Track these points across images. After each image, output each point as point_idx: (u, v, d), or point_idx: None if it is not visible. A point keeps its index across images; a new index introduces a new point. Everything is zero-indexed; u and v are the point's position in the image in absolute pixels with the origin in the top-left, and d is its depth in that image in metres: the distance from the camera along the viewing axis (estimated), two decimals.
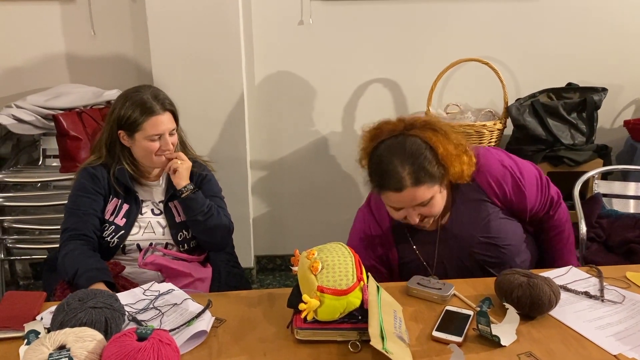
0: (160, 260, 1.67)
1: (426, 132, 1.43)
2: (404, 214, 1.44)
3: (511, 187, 1.51)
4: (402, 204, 1.42)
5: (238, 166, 2.67)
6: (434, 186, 1.40)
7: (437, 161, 1.40)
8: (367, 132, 1.53)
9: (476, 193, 1.52)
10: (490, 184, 1.51)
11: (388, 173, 1.38)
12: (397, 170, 1.37)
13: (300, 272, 1.24)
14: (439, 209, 1.45)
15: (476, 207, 1.52)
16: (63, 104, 2.46)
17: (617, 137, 2.83)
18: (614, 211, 2.23)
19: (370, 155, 1.47)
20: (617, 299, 1.34)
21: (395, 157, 1.39)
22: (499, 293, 1.30)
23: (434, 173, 1.39)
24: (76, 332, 1.04)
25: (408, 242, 1.56)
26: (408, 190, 1.37)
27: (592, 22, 2.69)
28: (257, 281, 2.93)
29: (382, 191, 1.43)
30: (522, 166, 1.55)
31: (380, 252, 1.58)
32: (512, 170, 1.52)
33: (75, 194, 1.70)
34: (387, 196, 1.42)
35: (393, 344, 1.08)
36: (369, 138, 1.50)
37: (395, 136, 1.44)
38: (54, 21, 2.63)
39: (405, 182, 1.36)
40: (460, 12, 2.65)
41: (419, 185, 1.37)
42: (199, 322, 1.20)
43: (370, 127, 1.52)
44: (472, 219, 1.51)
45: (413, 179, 1.36)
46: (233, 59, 2.51)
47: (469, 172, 1.47)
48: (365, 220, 1.60)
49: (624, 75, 2.78)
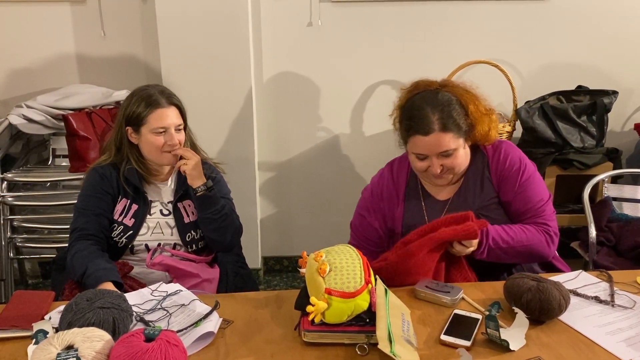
0: (168, 260, 1.67)
1: (459, 90, 1.54)
2: (427, 164, 1.50)
3: (519, 178, 1.54)
4: (427, 150, 1.48)
5: (246, 167, 2.68)
6: (459, 139, 1.48)
7: (465, 116, 1.49)
8: (404, 89, 1.61)
9: (486, 172, 1.58)
10: (501, 165, 1.56)
11: (418, 117, 1.47)
12: (427, 114, 1.46)
13: (307, 274, 1.24)
14: (461, 164, 1.52)
15: (482, 185, 1.58)
16: (73, 104, 2.48)
17: (627, 141, 2.81)
18: (624, 215, 2.21)
19: (403, 105, 1.56)
20: (628, 304, 1.32)
21: (427, 104, 1.48)
22: (508, 297, 1.29)
23: (461, 125, 1.48)
24: (84, 332, 1.04)
25: (419, 200, 1.62)
26: (435, 135, 1.45)
27: (602, 24, 2.68)
28: (264, 282, 2.93)
29: (410, 135, 1.49)
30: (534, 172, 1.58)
31: (386, 211, 1.63)
32: (527, 165, 1.56)
33: (85, 194, 1.71)
34: (414, 141, 1.49)
35: (401, 348, 1.08)
36: (406, 92, 1.59)
37: (430, 90, 1.53)
38: (65, 22, 2.65)
39: (434, 126, 1.45)
40: (470, 14, 2.64)
41: (445, 132, 1.45)
42: (206, 323, 1.20)
43: (408, 85, 1.61)
44: (477, 195, 1.57)
45: (441, 125, 1.45)
46: (242, 60, 2.52)
47: (495, 134, 1.57)
48: (383, 175, 1.67)
49: (635, 78, 2.75)
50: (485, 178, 1.57)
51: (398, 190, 1.63)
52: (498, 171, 1.56)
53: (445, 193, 1.61)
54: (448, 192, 1.61)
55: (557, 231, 1.57)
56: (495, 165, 1.57)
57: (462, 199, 1.58)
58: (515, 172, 1.55)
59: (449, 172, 1.52)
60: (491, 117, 1.55)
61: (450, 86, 1.55)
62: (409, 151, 1.55)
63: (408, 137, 1.51)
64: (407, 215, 1.62)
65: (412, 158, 1.54)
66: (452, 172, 1.52)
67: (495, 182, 1.57)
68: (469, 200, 1.57)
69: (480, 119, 1.51)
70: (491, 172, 1.57)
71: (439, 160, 1.48)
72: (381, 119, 2.79)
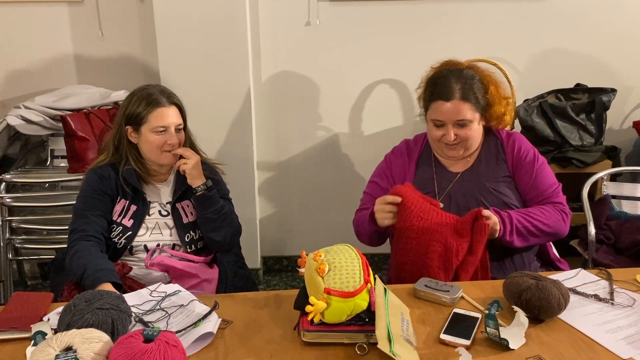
0: (167, 261, 1.67)
1: (483, 72, 1.69)
2: (443, 133, 1.62)
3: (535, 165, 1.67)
4: (445, 116, 1.60)
5: (245, 167, 2.67)
6: (476, 113, 1.61)
7: (485, 93, 1.64)
8: (433, 67, 1.73)
9: (500, 153, 1.70)
10: (517, 152, 1.68)
11: (442, 84, 1.62)
12: (450, 83, 1.61)
13: (307, 274, 1.23)
14: (473, 138, 1.64)
15: (497, 163, 1.70)
16: (71, 105, 2.47)
17: (626, 138, 2.81)
18: (623, 213, 2.21)
19: (430, 76, 1.69)
20: (628, 302, 1.32)
21: (452, 76, 1.63)
22: (507, 296, 1.29)
23: (480, 99, 1.62)
24: (83, 334, 1.04)
25: (430, 167, 1.73)
26: (455, 102, 1.58)
27: (600, 22, 2.68)
28: (264, 282, 2.93)
29: (432, 101, 1.63)
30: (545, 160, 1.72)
31: (397, 173, 1.76)
32: (539, 154, 1.70)
33: (84, 195, 1.71)
34: (435, 107, 1.62)
35: (400, 347, 1.07)
36: (434, 69, 1.72)
37: (457, 67, 1.69)
38: (62, 23, 2.64)
39: (455, 94, 1.59)
40: (468, 13, 2.64)
41: (464, 102, 1.59)
42: (205, 324, 1.20)
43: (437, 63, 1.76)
44: (490, 171, 1.69)
45: (461, 94, 1.59)
46: (240, 60, 2.51)
47: (509, 120, 1.71)
48: (400, 144, 1.83)
49: (633, 76, 2.75)
50: (500, 158, 1.70)
51: (411, 155, 1.77)
52: (514, 157, 1.68)
53: (457, 167, 1.71)
54: (461, 166, 1.71)
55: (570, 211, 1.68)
56: (511, 150, 1.69)
57: (474, 172, 1.69)
58: (531, 159, 1.67)
59: (461, 145, 1.64)
60: (508, 102, 1.69)
61: (475, 68, 1.69)
62: (428, 119, 1.67)
63: (430, 102, 1.64)
64: (417, 179, 1.72)
65: (429, 127, 1.67)
66: (464, 145, 1.64)
67: (510, 165, 1.68)
68: (481, 174, 1.68)
69: (498, 101, 1.66)
70: (506, 155, 1.69)
71: (455, 129, 1.61)
72: (380, 118, 2.80)
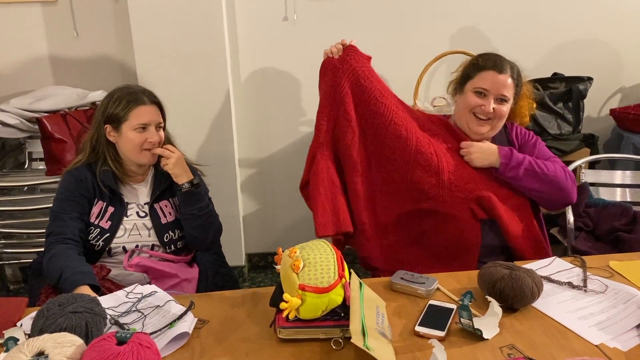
0: (146, 262, 1.66)
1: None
2: (483, 102, 1.72)
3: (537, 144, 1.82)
4: (493, 86, 1.71)
5: (226, 164, 2.66)
6: (513, 96, 1.75)
7: (521, 85, 1.79)
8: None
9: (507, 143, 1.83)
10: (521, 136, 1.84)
11: (495, 58, 1.75)
12: (503, 59, 1.75)
13: (282, 271, 1.24)
14: (503, 117, 1.76)
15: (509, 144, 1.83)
16: (47, 107, 2.44)
17: (603, 126, 2.84)
18: (601, 200, 2.23)
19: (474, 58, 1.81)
20: (600, 288, 1.34)
21: (502, 57, 1.77)
22: (481, 286, 1.30)
23: (519, 86, 1.77)
24: (55, 338, 1.03)
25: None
26: (505, 76, 1.72)
27: (577, 11, 2.69)
28: (249, 279, 2.93)
29: (482, 70, 1.73)
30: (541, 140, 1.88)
31: None
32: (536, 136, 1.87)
33: (60, 198, 1.69)
34: (484, 75, 1.73)
35: (374, 340, 1.08)
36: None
37: None
38: (36, 23, 2.61)
39: (507, 70, 1.73)
40: (445, 5, 2.64)
41: (512, 80, 1.73)
42: (181, 324, 1.19)
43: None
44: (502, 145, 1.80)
45: (512, 73, 1.74)
46: (218, 57, 2.50)
47: (527, 121, 1.87)
48: None
49: (609, 64, 2.78)
50: (510, 142, 1.84)
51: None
52: (519, 140, 1.83)
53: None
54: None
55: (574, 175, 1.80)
56: (516, 135, 1.84)
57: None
58: (533, 140, 1.83)
59: (490, 122, 1.75)
60: (529, 101, 1.83)
61: None
62: (468, 89, 1.76)
63: (478, 71, 1.74)
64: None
65: (468, 95, 1.75)
66: (494, 122, 1.75)
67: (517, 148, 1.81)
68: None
69: (527, 96, 1.81)
70: (513, 140, 1.84)
71: (495, 102, 1.72)
72: None
